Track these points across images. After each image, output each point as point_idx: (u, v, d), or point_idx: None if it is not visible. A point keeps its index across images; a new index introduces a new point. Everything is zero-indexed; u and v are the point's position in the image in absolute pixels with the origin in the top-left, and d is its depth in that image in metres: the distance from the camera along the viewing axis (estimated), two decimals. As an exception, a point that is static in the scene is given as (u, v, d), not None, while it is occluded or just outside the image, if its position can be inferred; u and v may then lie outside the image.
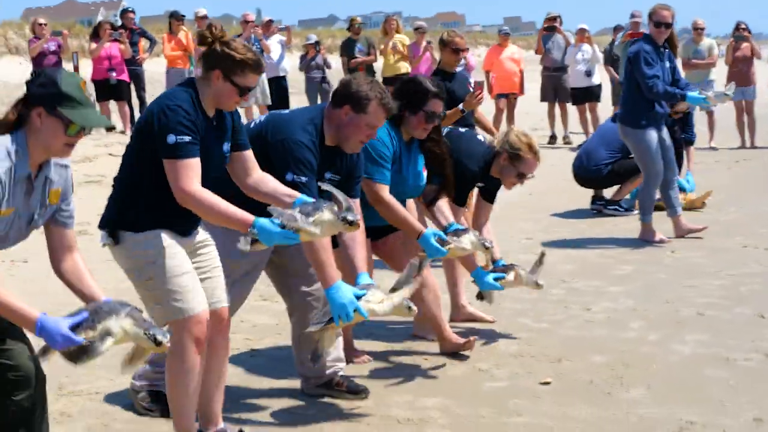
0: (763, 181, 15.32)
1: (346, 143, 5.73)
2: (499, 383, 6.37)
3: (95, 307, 4.14)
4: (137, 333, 4.13)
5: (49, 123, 4.10)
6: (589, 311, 8.05)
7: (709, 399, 5.98)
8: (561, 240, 11.02)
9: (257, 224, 4.77)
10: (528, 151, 7.07)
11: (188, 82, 5.00)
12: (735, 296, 8.44)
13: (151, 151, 4.86)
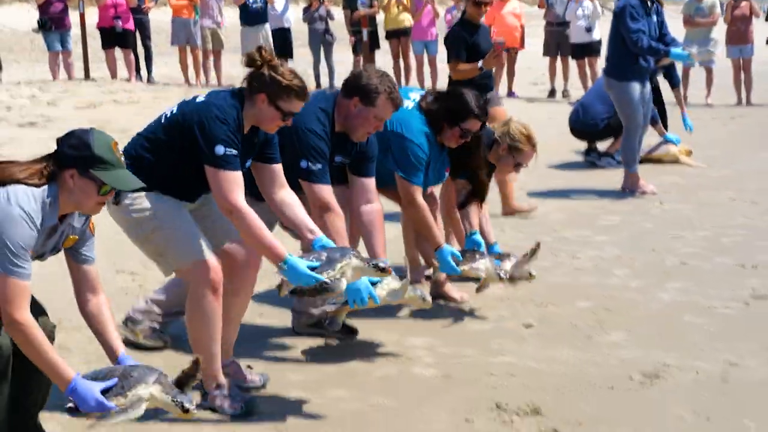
0: (756, 137, 15.45)
1: (353, 133, 5.86)
2: (485, 325, 6.58)
3: (124, 373, 4.23)
4: (165, 400, 4.24)
5: (82, 184, 4.15)
6: (577, 259, 8.26)
7: (686, 343, 6.19)
8: (553, 190, 11.20)
9: (289, 261, 4.90)
10: (527, 144, 7.19)
11: (236, 94, 5.08)
12: (718, 247, 8.65)
13: (180, 147, 5.03)
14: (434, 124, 6.52)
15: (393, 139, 6.46)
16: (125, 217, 5.16)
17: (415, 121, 6.51)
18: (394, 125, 6.43)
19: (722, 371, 5.72)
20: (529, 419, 5.04)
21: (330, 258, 5.01)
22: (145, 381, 4.20)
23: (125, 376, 4.19)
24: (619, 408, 5.21)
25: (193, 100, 5.15)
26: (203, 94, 5.17)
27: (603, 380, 5.58)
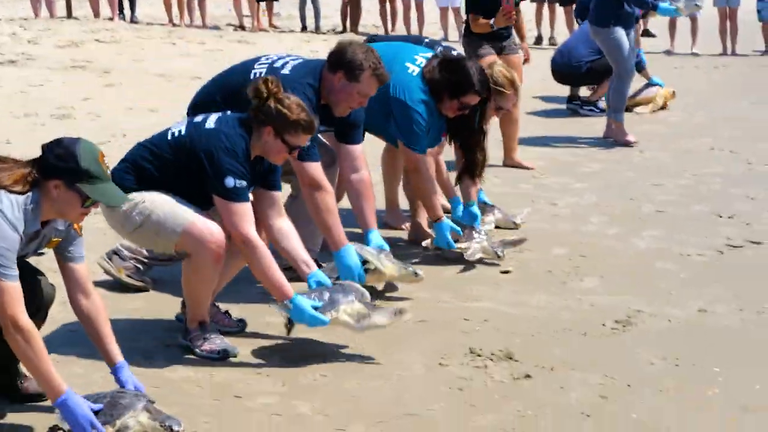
0: (738, 87, 15.50)
1: (336, 107, 5.84)
2: (461, 271, 6.64)
3: (112, 401, 4.25)
4: (154, 425, 4.26)
5: (67, 197, 4.12)
6: (554, 206, 8.33)
7: (658, 290, 6.28)
8: (534, 137, 11.23)
9: (295, 301, 4.98)
10: (509, 87, 7.18)
11: (244, 123, 5.07)
12: (695, 195, 8.74)
13: (185, 167, 5.04)
14: (435, 93, 6.53)
15: (395, 105, 6.49)
16: (117, 215, 5.17)
17: (417, 88, 6.52)
18: (396, 90, 6.46)
19: (693, 318, 5.81)
20: (503, 364, 5.12)
21: (332, 299, 5.10)
22: (133, 408, 4.23)
23: (113, 404, 4.23)
24: (591, 353, 5.29)
25: (202, 124, 5.12)
26: (213, 118, 5.14)
27: (576, 326, 5.66)
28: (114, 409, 4.20)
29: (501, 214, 7.53)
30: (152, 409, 4.28)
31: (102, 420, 4.14)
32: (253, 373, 4.99)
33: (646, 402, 4.71)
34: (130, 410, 4.21)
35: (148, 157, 5.15)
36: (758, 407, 4.66)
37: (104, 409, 4.20)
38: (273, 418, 4.49)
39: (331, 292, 5.15)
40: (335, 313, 5.06)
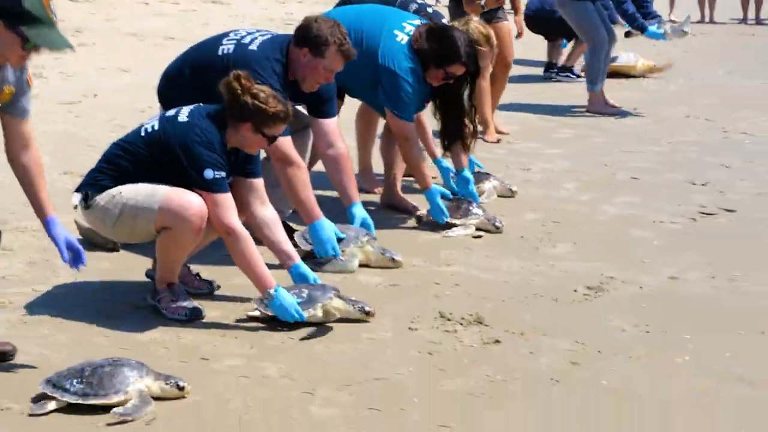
0: (715, 55, 15.51)
1: (302, 83, 5.79)
2: (434, 235, 6.60)
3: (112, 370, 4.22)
4: (160, 385, 4.23)
5: (7, 37, 4.04)
6: (528, 171, 8.30)
7: (631, 257, 6.26)
8: (508, 103, 11.16)
9: (277, 293, 4.95)
10: (485, 44, 7.13)
11: (219, 115, 5.03)
12: (670, 162, 8.73)
13: (159, 161, 5.01)
14: (422, 61, 6.49)
15: (384, 74, 6.46)
16: (95, 212, 5.14)
17: (405, 57, 6.47)
18: (385, 59, 6.44)
19: (665, 285, 5.79)
20: (472, 328, 5.08)
21: (311, 296, 5.08)
22: (140, 375, 4.21)
23: (112, 373, 4.20)
24: (562, 319, 5.26)
25: (175, 117, 5.06)
26: (185, 111, 5.07)
27: (547, 292, 5.63)
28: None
29: (496, 181, 7.46)
30: (154, 372, 4.26)
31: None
32: (220, 335, 4.94)
33: (617, 368, 4.69)
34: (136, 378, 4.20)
35: (123, 155, 5.11)
36: (728, 375, 4.64)
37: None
38: (240, 380, 4.44)
39: (310, 290, 5.12)
40: (313, 311, 5.04)
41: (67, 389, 4.13)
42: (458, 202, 6.79)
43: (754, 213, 7.24)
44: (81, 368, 4.23)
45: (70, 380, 4.16)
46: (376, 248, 5.95)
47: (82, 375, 4.18)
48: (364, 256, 5.92)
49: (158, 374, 4.27)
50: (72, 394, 4.12)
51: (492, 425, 4.14)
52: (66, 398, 4.12)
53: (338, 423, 4.10)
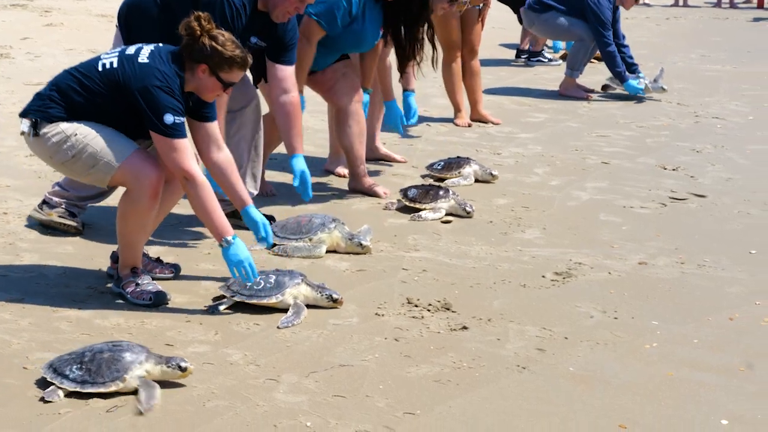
0: (687, 38, 15.52)
1: (272, 12, 5.76)
2: (402, 220, 6.56)
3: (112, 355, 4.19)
4: (162, 369, 4.19)
5: None
6: (498, 155, 8.26)
7: (600, 242, 6.24)
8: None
9: (233, 242, 4.94)
10: None
11: (177, 58, 4.98)
12: (641, 147, 8.72)
13: (118, 100, 4.95)
14: None
15: None
16: (45, 146, 5.05)
17: None
18: None
19: (633, 271, 5.77)
20: (440, 314, 5.05)
21: (278, 282, 5.03)
22: (138, 362, 4.17)
23: (112, 360, 4.16)
24: (529, 305, 5.23)
25: (135, 57, 4.97)
26: (146, 51, 4.99)
27: (515, 277, 5.60)
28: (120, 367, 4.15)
29: (477, 165, 7.40)
30: (154, 355, 4.23)
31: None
32: (185, 320, 4.89)
33: (584, 355, 4.66)
34: (135, 364, 4.16)
35: (77, 88, 5.02)
36: (695, 361, 4.63)
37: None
38: (204, 366, 4.39)
39: (277, 276, 5.08)
40: (281, 297, 5.00)
41: (66, 375, 4.11)
42: (428, 187, 6.76)
43: (724, 198, 7.23)
44: (82, 353, 4.20)
45: (70, 366, 4.13)
46: (344, 233, 5.91)
47: (82, 360, 4.15)
48: (332, 242, 5.88)
49: (159, 357, 4.23)
50: (71, 381, 4.10)
51: (458, 412, 4.11)
52: (65, 385, 4.09)
53: (304, 410, 4.05)
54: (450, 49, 9.10)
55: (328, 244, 5.88)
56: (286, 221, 6.04)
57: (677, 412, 4.16)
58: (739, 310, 5.25)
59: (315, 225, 5.90)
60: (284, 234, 5.93)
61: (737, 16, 19.32)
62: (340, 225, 5.94)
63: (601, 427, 4.03)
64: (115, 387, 4.10)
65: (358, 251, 5.89)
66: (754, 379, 4.47)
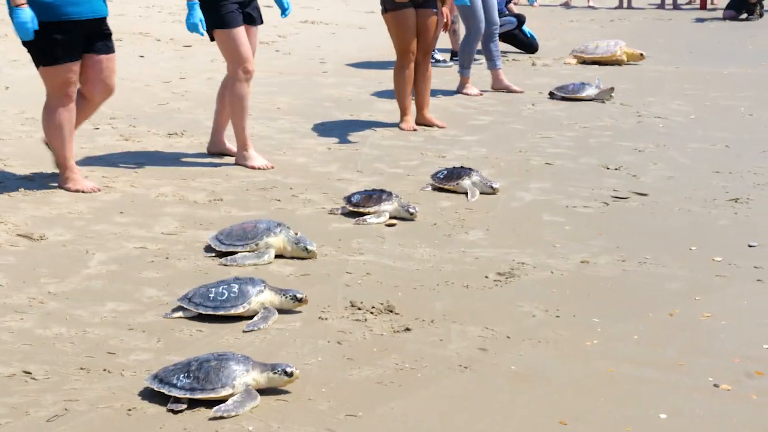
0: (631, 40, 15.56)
1: None
2: (346, 224, 6.57)
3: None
4: (269, 376, 4.22)
5: None
6: (444, 158, 8.30)
7: (542, 242, 6.28)
8: (427, 90, 11.25)
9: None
10: None
11: None
12: (584, 147, 8.79)
13: None
14: None
15: None
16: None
17: None
18: None
19: (575, 270, 5.82)
20: (383, 317, 5.07)
21: (242, 290, 5.03)
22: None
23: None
24: (472, 306, 5.26)
25: None
26: None
27: (458, 279, 5.63)
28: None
29: (477, 177, 7.35)
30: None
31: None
32: (127, 328, 4.87)
33: (526, 354, 4.70)
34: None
35: None
36: (636, 358, 4.67)
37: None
38: (146, 374, 4.37)
39: (240, 285, 5.07)
40: (248, 305, 5.01)
41: (174, 384, 4.15)
42: (371, 192, 6.77)
43: (665, 196, 7.30)
44: (188, 363, 4.24)
45: (177, 375, 4.18)
46: (290, 238, 5.91)
47: (189, 370, 4.19)
48: (278, 246, 5.88)
49: (264, 365, 4.27)
50: (179, 389, 4.14)
51: (400, 413, 4.12)
52: (173, 393, 4.13)
53: (246, 414, 4.05)
54: (405, 53, 9.09)
55: (275, 248, 5.87)
56: (231, 228, 6.02)
57: (617, 408, 4.20)
58: (679, 306, 5.30)
59: (260, 230, 5.89)
60: (230, 241, 5.91)
61: (680, 17, 19.51)
62: (285, 229, 5.93)
63: (542, 425, 4.07)
64: (224, 393, 4.15)
65: (303, 256, 5.89)
66: (692, 374, 4.52)
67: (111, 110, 9.50)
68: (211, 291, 5.04)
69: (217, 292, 5.03)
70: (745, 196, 7.29)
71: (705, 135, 9.34)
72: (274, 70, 12.20)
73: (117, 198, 6.92)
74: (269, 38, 14.20)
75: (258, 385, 4.23)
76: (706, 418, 4.13)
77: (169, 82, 11.01)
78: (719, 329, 5.02)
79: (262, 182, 7.42)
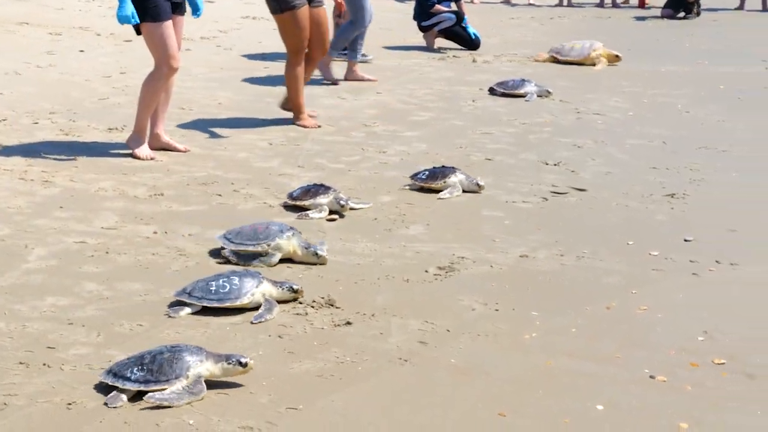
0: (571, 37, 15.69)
1: None
2: (288, 219, 6.57)
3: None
4: (223, 366, 4.23)
5: None
6: (384, 154, 8.33)
7: (483, 237, 6.33)
8: (368, 88, 11.26)
9: None
10: None
11: None
12: (524, 143, 8.86)
13: None
14: None
15: None
16: None
17: None
18: None
19: (515, 264, 5.87)
20: (324, 311, 5.09)
21: (243, 282, 5.07)
22: (200, 360, 4.26)
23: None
24: (412, 300, 5.29)
25: None
26: None
27: (399, 273, 5.66)
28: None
29: (462, 175, 7.32)
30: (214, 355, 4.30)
31: None
32: (66, 323, 4.85)
33: (465, 347, 4.74)
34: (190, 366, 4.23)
35: None
36: (573, 350, 4.74)
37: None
38: (86, 369, 4.37)
39: (239, 276, 5.12)
40: (252, 297, 5.06)
41: (128, 378, 4.15)
42: (310, 186, 6.80)
43: (603, 192, 7.39)
44: (141, 356, 4.25)
45: (131, 368, 4.18)
46: (301, 242, 5.83)
47: (142, 362, 4.20)
48: (289, 250, 5.78)
49: (218, 356, 4.28)
50: (133, 383, 4.14)
51: (340, 406, 4.15)
52: (128, 387, 4.13)
53: (185, 408, 4.06)
54: (301, 52, 8.96)
55: (285, 251, 5.80)
56: (241, 228, 5.91)
57: (556, 400, 4.26)
58: (616, 299, 5.38)
59: (273, 231, 5.78)
60: (240, 240, 5.80)
61: (619, 15, 19.68)
62: (297, 233, 5.85)
63: (481, 417, 4.12)
64: (178, 384, 4.16)
65: (314, 261, 5.79)
66: (629, 366, 4.59)
67: (51, 105, 9.44)
68: (212, 284, 5.07)
69: (218, 285, 5.07)
70: (682, 192, 7.40)
71: (642, 131, 9.45)
72: (215, 65, 12.16)
73: (56, 193, 6.88)
74: (210, 33, 14.14)
75: (212, 375, 4.24)
76: (643, 410, 4.21)
77: (110, 77, 10.93)
78: (655, 322, 5.11)
79: (203, 177, 7.40)
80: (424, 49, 14.16)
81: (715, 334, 4.95)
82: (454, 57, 13.73)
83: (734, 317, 5.20)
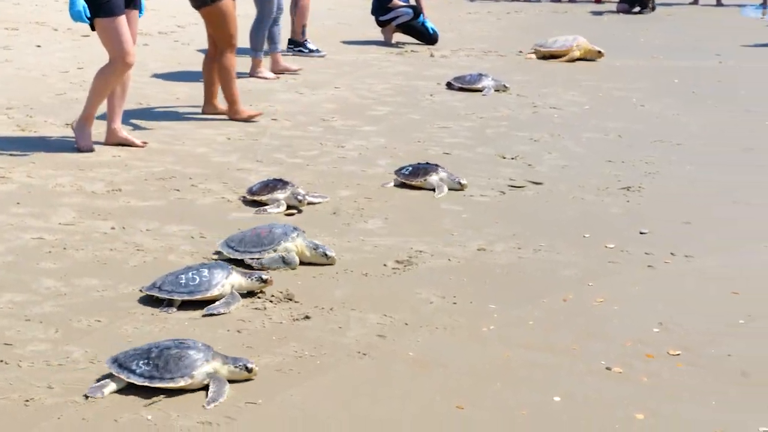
0: (527, 32, 15.84)
1: None
2: (247, 214, 6.57)
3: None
4: (230, 369, 4.25)
5: None
6: (342, 148, 8.34)
7: (441, 230, 6.37)
8: (323, 81, 11.27)
9: None
10: None
11: None
12: (481, 137, 8.90)
13: None
14: None
15: None
16: None
17: None
18: None
19: (472, 257, 5.91)
20: (282, 305, 5.10)
21: (212, 274, 5.09)
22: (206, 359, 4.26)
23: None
24: (371, 294, 5.32)
25: None
26: None
27: (357, 267, 5.68)
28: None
29: (444, 173, 7.31)
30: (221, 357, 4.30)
31: None
32: (24, 319, 4.83)
33: (423, 340, 4.77)
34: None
35: None
36: (530, 343, 4.78)
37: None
38: (44, 365, 4.36)
39: (208, 268, 5.15)
40: (222, 288, 5.08)
41: (133, 370, 4.14)
42: (268, 181, 6.81)
43: (559, 185, 7.45)
44: (148, 348, 4.24)
45: (137, 361, 4.17)
46: (308, 243, 5.77)
47: (149, 356, 4.18)
48: (297, 252, 5.72)
49: (225, 357, 4.28)
50: (138, 376, 4.13)
51: (299, 400, 4.17)
52: (132, 379, 4.13)
53: (143, 404, 4.07)
54: (233, 42, 8.94)
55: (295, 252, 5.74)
56: (243, 234, 5.82)
57: (513, 392, 4.30)
58: (572, 291, 5.43)
59: (277, 235, 5.70)
60: (245, 248, 5.70)
61: (576, 10, 19.79)
62: (301, 233, 5.79)
63: (439, 410, 4.15)
64: (183, 383, 4.15)
65: (323, 261, 5.73)
66: (585, 357, 4.64)
67: (7, 100, 9.38)
68: (181, 277, 5.08)
69: (187, 278, 5.07)
70: (637, 185, 7.46)
71: (598, 125, 9.52)
72: (173, 60, 12.12)
73: (13, 189, 6.84)
74: (168, 29, 14.08)
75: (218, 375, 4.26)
76: (599, 401, 4.25)
77: (67, 72, 10.87)
78: (611, 314, 5.16)
79: (161, 172, 7.39)
80: (382, 43, 14.18)
81: (670, 326, 5.01)
82: (412, 52, 13.75)
83: (689, 309, 5.26)
